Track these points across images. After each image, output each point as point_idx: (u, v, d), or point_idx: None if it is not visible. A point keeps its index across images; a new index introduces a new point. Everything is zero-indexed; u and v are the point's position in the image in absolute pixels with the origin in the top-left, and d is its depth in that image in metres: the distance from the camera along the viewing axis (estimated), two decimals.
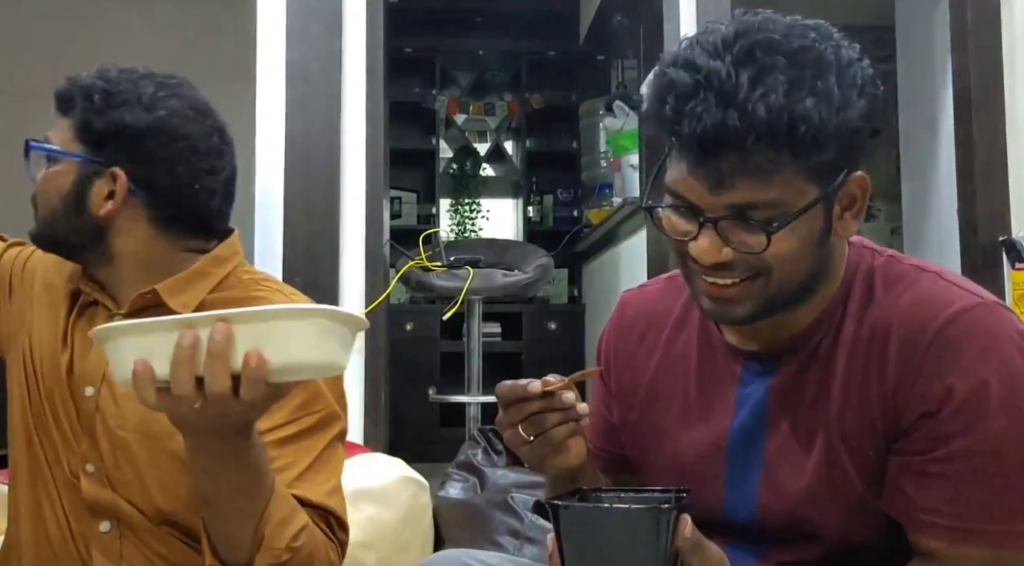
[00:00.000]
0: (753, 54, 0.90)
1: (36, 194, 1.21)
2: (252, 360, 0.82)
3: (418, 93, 5.70)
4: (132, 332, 0.86)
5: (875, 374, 0.99)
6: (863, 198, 0.99)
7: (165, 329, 0.85)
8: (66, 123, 1.18)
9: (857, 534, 1.02)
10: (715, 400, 1.10)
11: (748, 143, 0.88)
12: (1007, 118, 2.56)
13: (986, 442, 0.93)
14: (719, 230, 0.94)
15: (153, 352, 0.84)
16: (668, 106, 0.91)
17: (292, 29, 2.40)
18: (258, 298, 1.21)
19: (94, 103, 1.17)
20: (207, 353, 0.83)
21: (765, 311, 0.99)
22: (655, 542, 0.84)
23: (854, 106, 0.91)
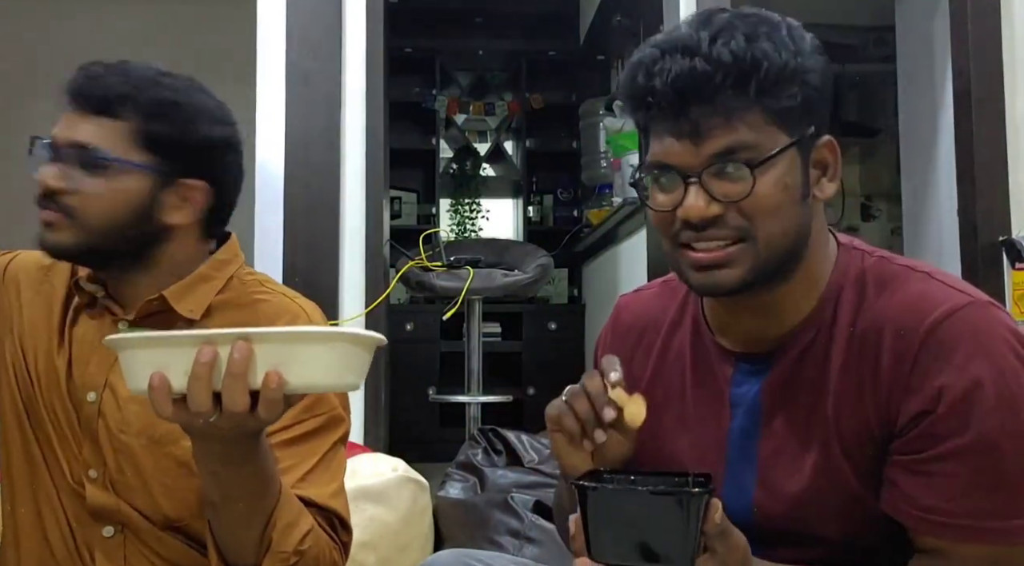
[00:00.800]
0: (710, 21, 0.98)
1: (85, 203, 1.12)
2: (272, 381, 0.82)
3: (418, 93, 5.70)
4: (151, 345, 0.85)
5: (868, 375, 0.99)
6: (836, 163, 1.03)
7: (185, 344, 0.84)
8: (116, 126, 1.12)
9: (856, 533, 1.02)
10: (711, 402, 1.10)
11: (716, 83, 0.94)
12: (1007, 118, 2.56)
13: (981, 440, 0.93)
14: (704, 184, 0.97)
15: (171, 365, 0.83)
16: (640, 76, 0.98)
17: (292, 29, 2.41)
18: (262, 301, 1.21)
19: (164, 112, 1.13)
20: (226, 371, 0.82)
21: (754, 277, 0.99)
22: (684, 526, 0.84)
23: (809, 57, 0.98)
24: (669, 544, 0.85)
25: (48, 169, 1.12)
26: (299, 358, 0.82)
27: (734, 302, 1.05)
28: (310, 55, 2.40)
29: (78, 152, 1.12)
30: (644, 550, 0.86)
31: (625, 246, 3.78)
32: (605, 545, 0.87)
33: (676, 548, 0.85)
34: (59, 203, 1.12)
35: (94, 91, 1.13)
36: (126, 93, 1.13)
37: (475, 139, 6.04)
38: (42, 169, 1.13)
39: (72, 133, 1.12)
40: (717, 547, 0.88)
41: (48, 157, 1.13)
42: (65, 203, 1.12)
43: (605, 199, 4.41)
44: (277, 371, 0.82)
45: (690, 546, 0.85)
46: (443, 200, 5.88)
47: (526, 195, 5.82)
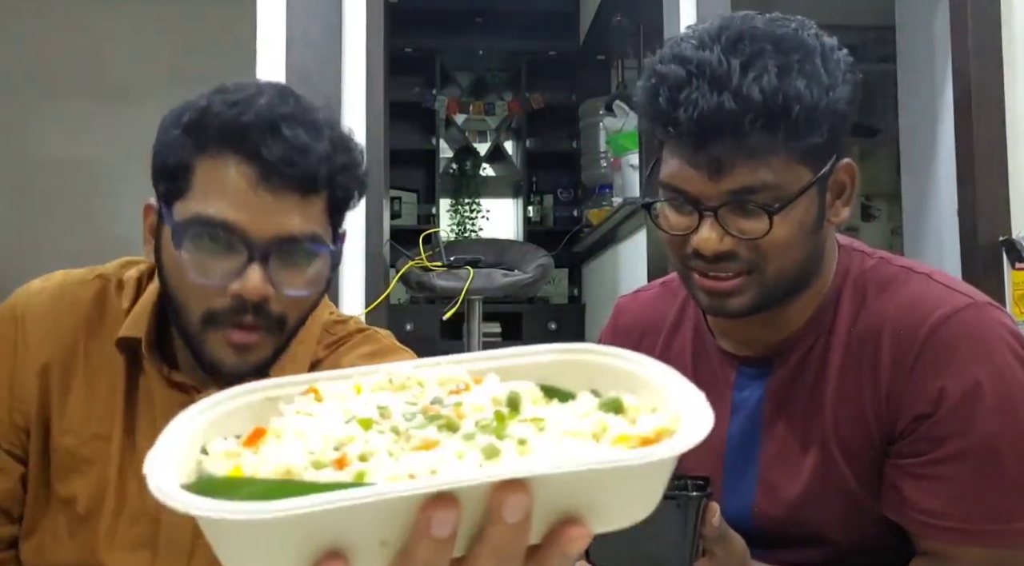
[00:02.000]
0: (740, 43, 0.92)
1: (296, 312, 0.93)
2: (575, 543, 0.45)
3: (418, 93, 5.70)
4: (312, 520, 0.40)
5: (868, 377, 0.99)
6: (852, 185, 1.01)
7: (389, 501, 0.41)
8: (317, 205, 0.92)
9: (855, 536, 1.02)
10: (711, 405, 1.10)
11: (745, 125, 0.89)
12: (1007, 118, 2.56)
13: (981, 442, 0.93)
14: (720, 219, 0.94)
15: (354, 535, 0.42)
16: (662, 98, 0.93)
17: (292, 29, 2.40)
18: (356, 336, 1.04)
19: (344, 178, 0.94)
20: (490, 545, 0.43)
21: (763, 302, 0.99)
22: (682, 529, 0.85)
23: (840, 88, 0.93)
24: (667, 547, 0.85)
25: (258, 275, 0.87)
26: (599, 500, 0.46)
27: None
28: (310, 55, 2.40)
29: (300, 245, 0.90)
30: (642, 554, 0.85)
31: (625, 246, 3.78)
32: (603, 549, 0.86)
33: (674, 551, 0.85)
34: (269, 314, 0.90)
35: (308, 175, 0.89)
36: (321, 169, 0.90)
37: (475, 139, 6.04)
38: (253, 274, 0.88)
39: (287, 224, 0.89)
40: (716, 550, 0.88)
41: (247, 256, 0.88)
42: (276, 312, 0.90)
43: (605, 199, 4.41)
44: (580, 526, 0.45)
45: (688, 549, 0.85)
46: (443, 200, 5.88)
47: (526, 195, 5.82)
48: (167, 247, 0.92)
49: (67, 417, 1.01)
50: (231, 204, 0.88)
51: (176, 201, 0.91)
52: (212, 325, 0.90)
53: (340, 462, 0.43)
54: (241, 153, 0.88)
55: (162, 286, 0.96)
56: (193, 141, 0.89)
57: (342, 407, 0.48)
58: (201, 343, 0.92)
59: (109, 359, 1.01)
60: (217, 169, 0.88)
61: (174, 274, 0.92)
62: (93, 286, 1.04)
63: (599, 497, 0.45)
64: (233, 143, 0.88)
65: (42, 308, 1.02)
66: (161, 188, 0.93)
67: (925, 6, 3.06)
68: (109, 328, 1.02)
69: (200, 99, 0.92)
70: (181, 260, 0.89)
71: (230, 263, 0.89)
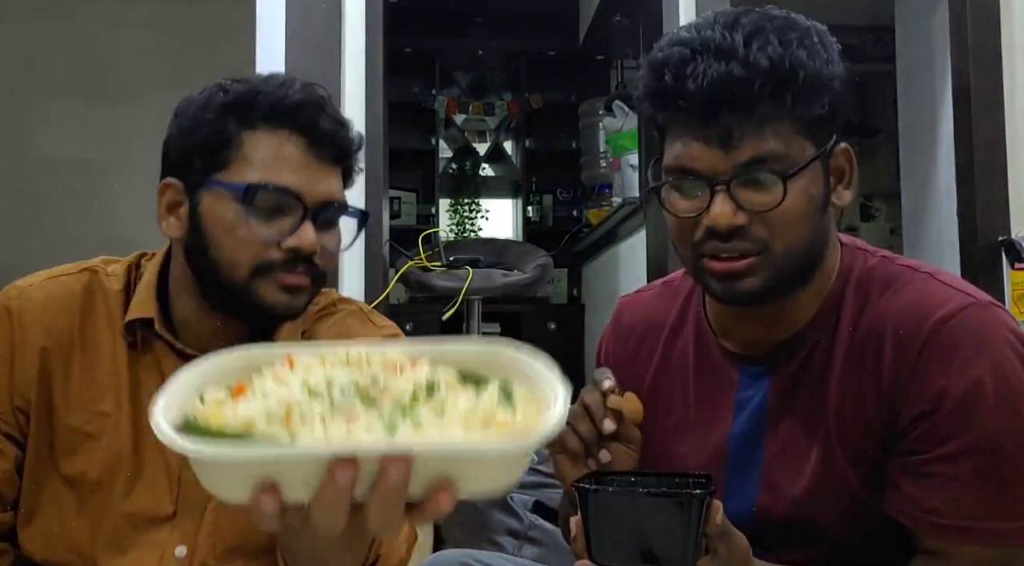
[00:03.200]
0: (739, 22, 0.95)
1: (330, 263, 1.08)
2: (443, 503, 0.61)
3: (418, 93, 5.71)
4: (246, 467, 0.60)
5: (870, 375, 0.99)
6: (851, 170, 1.02)
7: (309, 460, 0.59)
8: (339, 173, 1.08)
9: (857, 534, 1.02)
10: (714, 405, 1.10)
11: (754, 91, 0.91)
12: (1007, 118, 2.56)
13: (983, 441, 0.93)
14: (731, 193, 0.95)
15: (286, 478, 0.60)
16: (668, 76, 0.94)
17: (292, 29, 2.40)
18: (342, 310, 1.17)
19: (356, 156, 1.11)
20: (379, 494, 0.60)
21: (774, 284, 0.99)
22: (685, 528, 0.84)
23: (837, 64, 0.96)
24: (670, 546, 0.85)
25: (312, 232, 1.03)
26: (465, 474, 0.61)
27: (743, 308, 1.05)
28: (310, 55, 2.40)
29: (338, 210, 1.07)
30: (645, 552, 0.85)
31: (625, 246, 3.78)
32: (606, 547, 0.87)
33: (677, 550, 0.85)
34: (315, 266, 1.05)
35: (345, 142, 1.07)
36: (355, 146, 1.09)
37: (475, 139, 6.05)
38: (308, 231, 1.02)
39: (331, 189, 1.06)
40: (719, 549, 0.88)
41: (302, 215, 1.02)
42: (319, 265, 1.05)
43: (605, 199, 4.41)
44: (448, 491, 0.60)
45: (691, 548, 0.85)
46: (443, 200, 5.89)
47: (526, 195, 5.82)
48: (210, 213, 1.03)
49: (70, 397, 1.07)
50: (289, 170, 1.02)
51: (217, 173, 1.03)
52: (263, 275, 1.02)
53: (286, 420, 0.60)
54: (291, 127, 1.02)
55: (195, 252, 1.05)
56: (237, 118, 1.02)
57: (303, 377, 0.63)
58: (249, 291, 1.03)
59: (107, 342, 1.08)
60: (270, 141, 1.02)
61: (222, 233, 1.02)
62: (81, 278, 1.11)
63: (465, 472, 0.61)
64: (285, 118, 1.02)
65: (35, 301, 1.09)
66: (197, 163, 1.04)
67: (924, 6, 3.06)
68: (103, 313, 1.09)
69: (227, 86, 1.06)
70: (235, 220, 1.01)
71: (286, 222, 1.02)
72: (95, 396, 1.07)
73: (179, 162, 1.06)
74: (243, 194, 1.01)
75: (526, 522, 2.18)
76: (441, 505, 0.61)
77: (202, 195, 1.04)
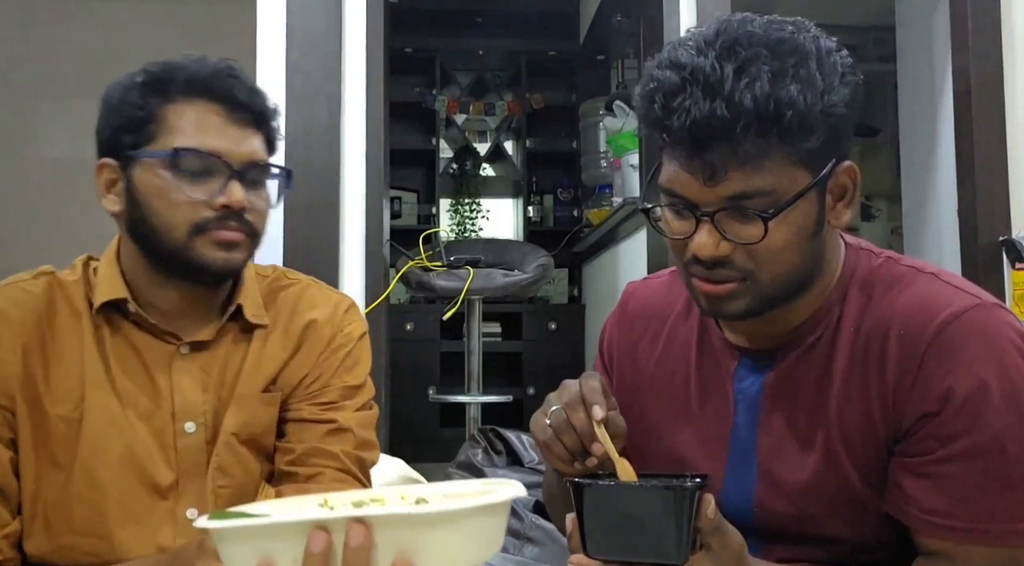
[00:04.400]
0: (735, 48, 0.92)
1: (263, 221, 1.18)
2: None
3: (418, 93, 5.70)
4: (256, 535, 0.72)
5: (874, 376, 0.99)
6: (855, 188, 1.01)
7: (293, 531, 0.71)
8: (261, 137, 1.18)
9: (858, 534, 1.02)
10: (713, 396, 1.10)
11: (737, 131, 0.89)
12: (1007, 118, 2.56)
13: (987, 442, 0.93)
14: (716, 224, 0.95)
15: (278, 555, 0.71)
16: (657, 105, 0.93)
17: (292, 29, 2.40)
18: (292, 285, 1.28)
19: (275, 121, 1.20)
20: (343, 563, 0.69)
21: (760, 307, 1.00)
22: (677, 520, 0.85)
23: (837, 92, 0.93)
24: (663, 538, 0.85)
25: (240, 189, 1.12)
26: (429, 542, 0.69)
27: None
28: (310, 55, 2.40)
29: (263, 170, 1.17)
30: (639, 545, 0.86)
31: (625, 246, 3.78)
32: (600, 541, 0.87)
33: (670, 542, 0.85)
34: (248, 222, 1.15)
35: (261, 106, 1.16)
36: (271, 111, 1.18)
37: (475, 139, 6.04)
38: (236, 188, 1.12)
39: (253, 150, 1.15)
40: (712, 543, 0.88)
41: (229, 175, 1.12)
42: (252, 221, 1.15)
43: (605, 199, 4.41)
44: (407, 560, 0.69)
45: (684, 540, 0.85)
46: (443, 200, 5.88)
47: (526, 195, 5.82)
48: (142, 182, 1.12)
49: (52, 388, 1.14)
50: (211, 135, 1.11)
51: (145, 146, 1.11)
52: (199, 233, 1.11)
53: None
54: (209, 96, 1.12)
55: (134, 223, 1.14)
56: (158, 94, 1.12)
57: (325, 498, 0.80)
58: (188, 251, 1.11)
59: (73, 331, 1.16)
60: (189, 111, 1.11)
61: (156, 200, 1.11)
62: (38, 282, 1.18)
63: (423, 542, 0.69)
64: (201, 89, 1.11)
65: (7, 316, 1.14)
66: (127, 140, 1.12)
67: (925, 6, 3.06)
68: (64, 307, 1.17)
69: (146, 67, 1.15)
70: (167, 185, 1.10)
71: (214, 183, 1.11)
72: (73, 384, 1.14)
73: (110, 143, 1.14)
74: (170, 160, 1.09)
75: (526, 522, 2.18)
76: None
77: (134, 169, 1.12)
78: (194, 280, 1.16)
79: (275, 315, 1.24)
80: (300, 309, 1.25)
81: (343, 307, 1.28)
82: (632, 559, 0.86)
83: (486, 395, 3.45)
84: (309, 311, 1.25)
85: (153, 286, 1.17)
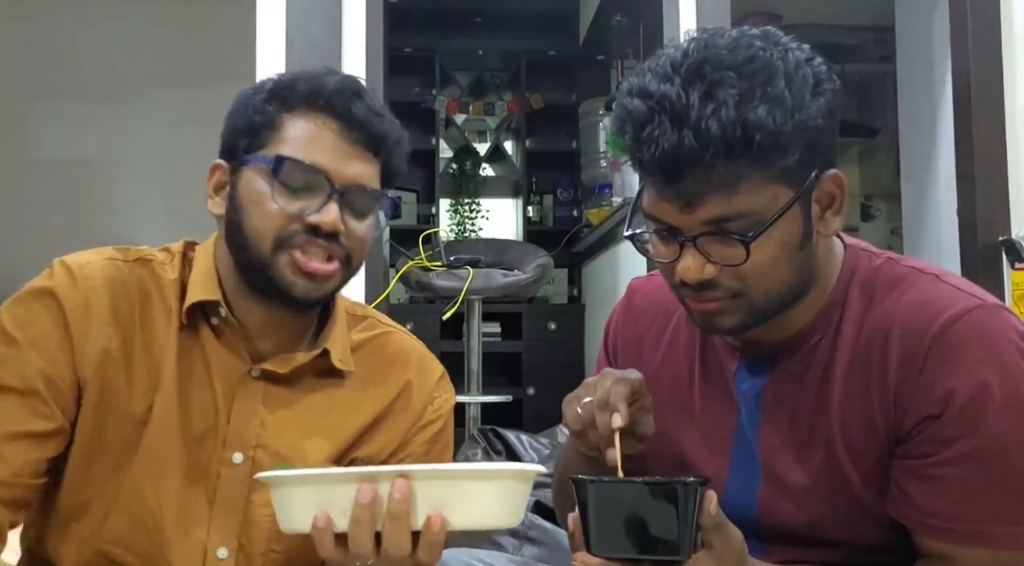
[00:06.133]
0: (701, 72, 0.91)
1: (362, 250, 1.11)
2: (435, 525, 0.80)
3: (418, 93, 5.70)
4: (310, 482, 0.83)
5: (876, 377, 0.99)
6: (842, 195, 1.00)
7: (343, 481, 0.82)
8: (377, 165, 1.10)
9: (860, 536, 1.02)
10: (717, 396, 1.10)
11: (707, 159, 0.89)
12: (1007, 118, 2.56)
13: (989, 444, 0.93)
14: (699, 247, 0.95)
15: (332, 504, 0.81)
16: (628, 136, 0.94)
17: (292, 29, 2.40)
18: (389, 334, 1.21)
19: (398, 152, 1.12)
20: (387, 513, 0.80)
21: (754, 321, 1.00)
22: (680, 516, 0.85)
23: (809, 106, 0.92)
24: (665, 535, 0.85)
25: (335, 210, 1.05)
26: (462, 497, 0.79)
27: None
28: (310, 55, 2.40)
29: (369, 196, 1.09)
30: (641, 542, 0.86)
31: (625, 246, 3.77)
32: (603, 538, 0.87)
33: (672, 539, 0.85)
34: (342, 246, 1.07)
35: (378, 131, 1.08)
36: (394, 140, 1.11)
37: (475, 139, 6.04)
38: (332, 209, 1.04)
39: (360, 173, 1.08)
40: (714, 541, 0.88)
41: (328, 194, 1.05)
42: (347, 247, 1.08)
43: (605, 199, 4.41)
44: (440, 514, 0.79)
45: (686, 537, 0.85)
46: (443, 200, 5.88)
47: (526, 195, 5.82)
48: (245, 188, 1.07)
49: (133, 383, 1.06)
50: (320, 151, 1.05)
51: (258, 151, 1.07)
52: (281, 248, 1.04)
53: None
54: (327, 111, 1.06)
55: (231, 228, 1.08)
56: (279, 102, 1.07)
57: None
58: (270, 267, 1.05)
59: (162, 330, 1.09)
60: (305, 123, 1.06)
61: (252, 206, 1.06)
62: (136, 268, 1.11)
63: (457, 499, 0.79)
64: (321, 103, 1.06)
65: (99, 279, 1.07)
66: (242, 143, 1.08)
67: (925, 6, 3.06)
68: (159, 302, 1.10)
69: (277, 76, 1.12)
70: (264, 193, 1.05)
71: (313, 200, 1.04)
72: (150, 385, 1.07)
73: (228, 145, 1.10)
74: (272, 167, 1.04)
75: (526, 522, 2.18)
76: (433, 526, 0.79)
77: (241, 173, 1.08)
78: (273, 300, 1.09)
79: (361, 363, 1.16)
80: (393, 365, 1.19)
81: (436, 374, 1.22)
82: (635, 556, 0.86)
83: (486, 395, 3.45)
84: (403, 370, 1.19)
85: (240, 297, 1.10)
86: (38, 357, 1.03)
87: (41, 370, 1.02)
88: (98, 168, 4.09)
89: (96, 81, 4.00)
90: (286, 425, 1.10)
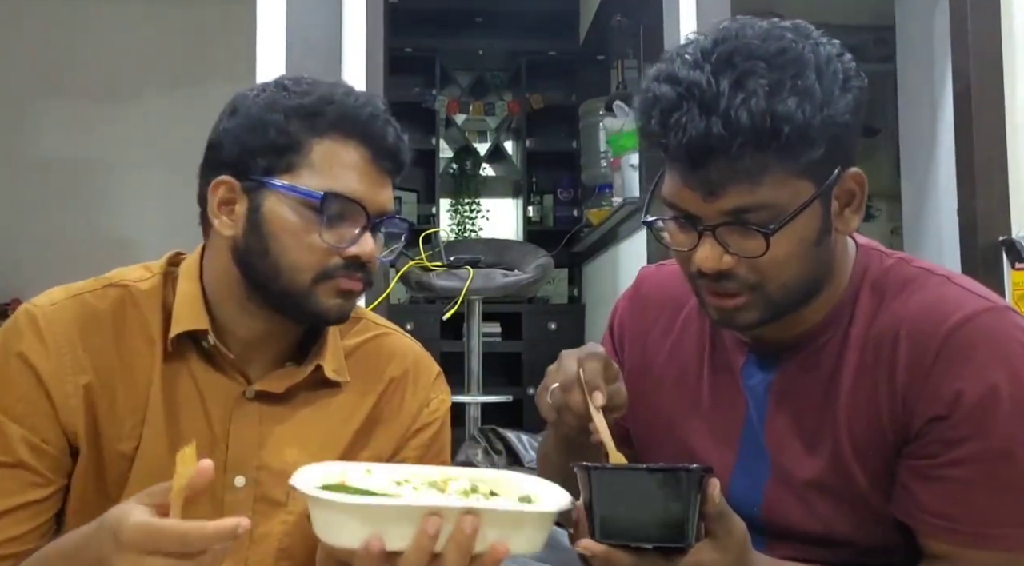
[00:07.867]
0: (732, 61, 0.90)
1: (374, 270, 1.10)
2: (500, 554, 0.81)
3: (418, 93, 5.70)
4: (370, 514, 0.81)
5: (884, 378, 0.99)
6: (862, 194, 1.00)
7: (406, 515, 0.81)
8: (391, 184, 1.10)
9: (865, 536, 1.02)
10: (725, 390, 1.10)
11: (734, 149, 0.89)
12: (1007, 118, 2.56)
13: (996, 446, 0.93)
14: (718, 237, 0.94)
15: (388, 530, 0.80)
16: (654, 121, 0.93)
17: (292, 29, 2.40)
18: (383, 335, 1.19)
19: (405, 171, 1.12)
20: (452, 543, 0.80)
21: (771, 316, 1.00)
22: (684, 503, 0.85)
23: (837, 101, 0.92)
24: (669, 521, 0.86)
25: (371, 241, 1.05)
26: (519, 533, 0.83)
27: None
28: (310, 55, 2.40)
29: (391, 220, 1.09)
30: (645, 529, 0.86)
31: (625, 246, 3.78)
32: (608, 525, 0.87)
33: (675, 526, 0.85)
34: (368, 272, 1.07)
35: (403, 157, 1.09)
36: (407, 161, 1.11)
37: (475, 139, 6.05)
38: (369, 241, 1.05)
39: (388, 200, 1.08)
40: (717, 530, 0.88)
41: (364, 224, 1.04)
42: (370, 271, 1.08)
43: (605, 199, 4.40)
44: (506, 544, 0.81)
45: (690, 523, 0.85)
46: (443, 200, 5.88)
47: (526, 195, 5.82)
48: (274, 215, 1.03)
49: (117, 423, 1.03)
50: (355, 180, 1.03)
51: (282, 175, 1.03)
52: (323, 281, 1.03)
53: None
54: (360, 138, 1.04)
55: (250, 254, 1.04)
56: (307, 125, 1.03)
57: (388, 475, 0.90)
58: (308, 296, 1.04)
59: (144, 357, 1.05)
60: (338, 150, 1.03)
61: (288, 236, 1.02)
62: (107, 294, 1.07)
63: (513, 531, 0.82)
64: (354, 130, 1.03)
65: (64, 322, 1.04)
66: (260, 163, 1.03)
67: (925, 6, 3.06)
68: (136, 329, 1.06)
69: (288, 86, 1.06)
70: (303, 226, 1.02)
71: (348, 229, 1.03)
72: (136, 420, 1.04)
73: (236, 160, 1.04)
74: (319, 203, 1.01)
75: None
76: (498, 553, 0.80)
77: (264, 196, 1.03)
78: (301, 321, 1.08)
79: (355, 368, 1.15)
80: (387, 367, 1.17)
81: (432, 375, 1.21)
82: (639, 543, 0.87)
83: (486, 395, 3.45)
84: (398, 372, 1.18)
85: (238, 312, 1.07)
86: (18, 427, 1.00)
87: (25, 439, 1.00)
88: (98, 168, 4.09)
89: (96, 81, 4.00)
90: (285, 441, 1.08)
